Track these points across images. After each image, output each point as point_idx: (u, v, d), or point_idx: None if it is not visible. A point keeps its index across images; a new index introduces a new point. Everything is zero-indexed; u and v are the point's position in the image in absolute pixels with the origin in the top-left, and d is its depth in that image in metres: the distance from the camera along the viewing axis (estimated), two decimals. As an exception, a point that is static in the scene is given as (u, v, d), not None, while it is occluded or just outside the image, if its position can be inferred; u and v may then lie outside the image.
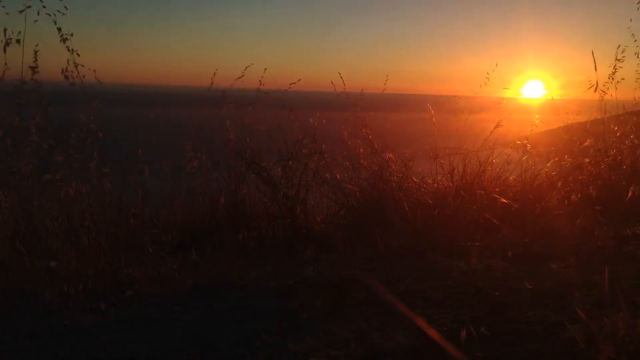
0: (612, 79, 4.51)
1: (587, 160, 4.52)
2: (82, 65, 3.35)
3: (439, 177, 4.21)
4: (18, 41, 3.02)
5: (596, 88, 4.48)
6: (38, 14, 3.07)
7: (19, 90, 3.12)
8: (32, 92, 3.16)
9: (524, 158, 4.43)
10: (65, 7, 3.18)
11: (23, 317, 2.40)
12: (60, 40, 3.25)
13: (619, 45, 4.47)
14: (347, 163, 4.28)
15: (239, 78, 4.06)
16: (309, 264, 3.15)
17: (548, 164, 4.45)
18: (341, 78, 4.40)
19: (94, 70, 3.37)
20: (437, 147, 4.27)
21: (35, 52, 3.13)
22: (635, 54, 4.50)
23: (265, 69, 4.25)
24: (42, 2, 3.14)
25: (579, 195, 3.87)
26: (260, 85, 4.18)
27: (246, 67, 4.12)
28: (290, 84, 4.25)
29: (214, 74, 4.06)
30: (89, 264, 2.93)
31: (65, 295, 2.69)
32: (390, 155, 4.29)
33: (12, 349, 2.15)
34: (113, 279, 2.89)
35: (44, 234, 3.08)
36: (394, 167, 4.26)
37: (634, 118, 4.82)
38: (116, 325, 2.38)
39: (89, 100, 3.40)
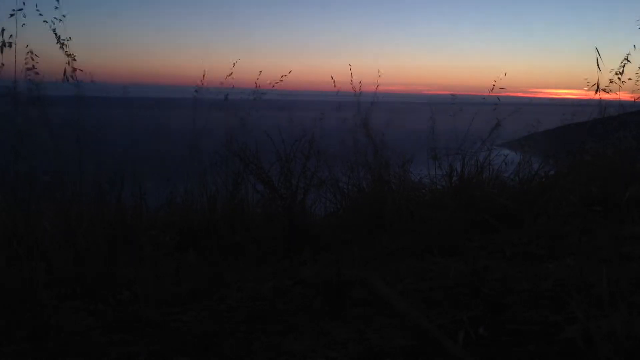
0: (619, 78, 4.47)
1: (585, 160, 4.53)
2: (81, 70, 3.34)
3: (437, 178, 4.22)
4: (10, 44, 3.02)
5: (597, 88, 4.47)
6: (24, 16, 3.06)
7: (13, 91, 3.12)
8: (28, 94, 3.15)
9: (523, 158, 4.44)
10: (63, 15, 3.16)
11: (20, 319, 2.39)
12: (59, 47, 3.24)
13: (635, 47, 4.42)
14: (345, 163, 4.28)
15: (229, 75, 4.07)
16: (307, 265, 3.15)
17: (546, 165, 4.45)
18: (333, 79, 4.43)
19: (90, 74, 3.37)
20: (436, 148, 4.28)
21: (32, 53, 3.12)
22: (634, 47, 4.47)
23: (260, 71, 4.27)
24: (38, 10, 3.11)
25: (577, 196, 3.87)
26: (256, 86, 4.20)
27: (234, 64, 4.13)
28: (282, 76, 4.24)
29: (203, 75, 4.08)
30: (87, 266, 2.92)
31: (63, 297, 2.68)
32: (390, 155, 4.30)
33: (10, 351, 2.14)
34: (111, 280, 2.89)
35: (41, 236, 3.07)
36: (392, 167, 4.27)
37: (634, 118, 4.82)
38: (114, 326, 2.37)
39: (87, 102, 3.40)
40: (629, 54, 4.43)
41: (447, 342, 1.94)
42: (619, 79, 4.46)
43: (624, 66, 4.44)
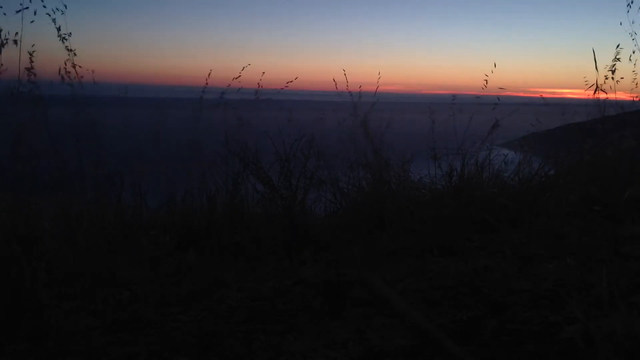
0: (612, 78, 4.48)
1: (585, 160, 4.53)
2: (80, 66, 3.34)
3: (437, 178, 4.22)
4: (15, 42, 3.02)
5: (596, 88, 4.47)
6: (35, 13, 3.06)
7: (15, 91, 3.11)
8: (29, 93, 3.15)
9: (523, 158, 4.44)
10: (64, 5, 3.17)
11: (20, 319, 2.39)
12: (59, 40, 3.24)
13: (618, 45, 4.45)
14: (346, 163, 4.28)
15: (236, 78, 4.07)
16: (307, 265, 3.15)
17: (546, 165, 4.45)
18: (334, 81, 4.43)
19: (92, 71, 3.37)
20: (436, 147, 4.28)
21: (31, 53, 3.11)
22: (633, 51, 4.48)
23: (264, 72, 4.25)
24: (42, 1, 3.12)
25: (577, 196, 3.88)
26: (258, 86, 4.19)
27: (243, 68, 4.13)
28: (287, 82, 4.24)
29: (209, 74, 4.08)
30: (87, 266, 2.92)
31: (63, 297, 2.68)
32: (389, 155, 4.29)
33: (10, 351, 2.15)
34: (111, 280, 2.89)
35: (41, 236, 3.07)
36: (392, 167, 4.26)
37: (634, 118, 4.82)
38: (114, 326, 2.37)
39: (87, 102, 3.40)
40: (617, 53, 4.43)
41: (447, 342, 1.94)
42: (612, 78, 4.46)
43: (614, 65, 4.44)
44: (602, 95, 4.53)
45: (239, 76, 4.10)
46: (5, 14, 3.04)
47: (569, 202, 3.77)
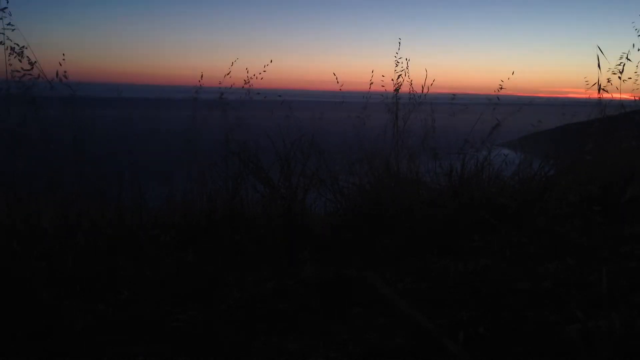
0: (620, 77, 4.44)
1: (585, 160, 4.52)
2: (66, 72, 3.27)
3: (437, 177, 4.21)
4: (2, 43, 3.03)
5: (599, 87, 4.45)
6: (10, 15, 3.05)
7: (6, 92, 3.11)
8: (23, 94, 3.14)
9: (523, 158, 4.43)
10: (10, 24, 3.08)
11: (20, 319, 2.39)
12: (15, 55, 3.13)
13: (634, 45, 4.40)
14: (346, 162, 4.27)
15: (227, 75, 4.03)
16: (307, 265, 3.14)
17: (546, 165, 4.44)
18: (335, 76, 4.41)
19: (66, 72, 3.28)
20: (436, 147, 4.27)
21: (18, 55, 3.10)
22: (638, 49, 4.45)
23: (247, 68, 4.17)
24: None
25: (577, 196, 3.87)
26: (245, 83, 4.13)
27: (232, 63, 4.08)
28: (265, 66, 4.11)
29: (201, 75, 4.06)
30: (87, 266, 2.92)
31: (63, 297, 2.68)
32: (390, 154, 4.29)
33: (10, 351, 2.15)
34: (111, 280, 2.88)
35: (41, 235, 3.07)
36: (392, 166, 4.26)
37: (634, 118, 4.81)
38: (114, 326, 2.37)
39: (81, 102, 3.39)
40: (628, 52, 4.40)
41: (447, 342, 1.94)
42: (619, 77, 4.43)
43: (624, 65, 4.41)
44: (604, 95, 4.50)
45: (229, 73, 4.06)
46: None
47: (569, 202, 3.76)
